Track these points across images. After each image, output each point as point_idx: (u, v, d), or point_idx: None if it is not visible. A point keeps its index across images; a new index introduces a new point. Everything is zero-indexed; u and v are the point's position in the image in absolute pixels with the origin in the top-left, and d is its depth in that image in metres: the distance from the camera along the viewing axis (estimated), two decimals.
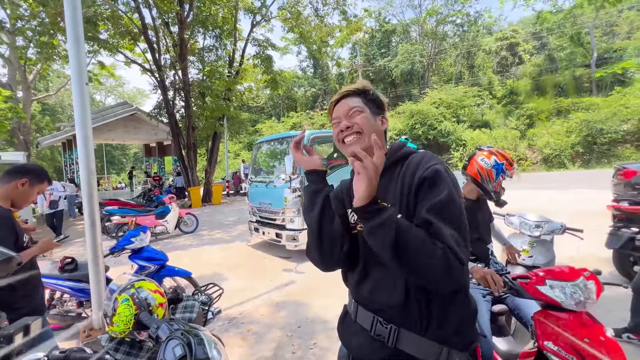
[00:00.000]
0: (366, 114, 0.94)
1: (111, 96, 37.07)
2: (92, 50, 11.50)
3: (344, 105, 0.96)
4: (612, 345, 1.16)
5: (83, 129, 2.39)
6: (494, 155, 1.74)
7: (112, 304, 1.33)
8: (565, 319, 1.24)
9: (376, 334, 0.85)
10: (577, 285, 1.25)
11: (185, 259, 5.26)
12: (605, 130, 16.00)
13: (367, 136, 0.91)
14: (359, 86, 0.99)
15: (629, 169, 4.03)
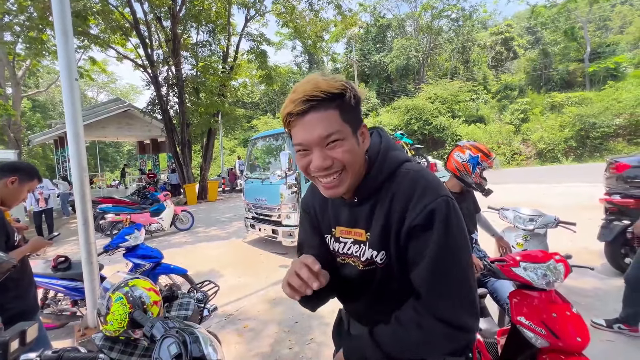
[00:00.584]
0: (348, 143, 0.67)
1: (103, 92, 36.55)
2: (83, 45, 11.28)
3: (315, 126, 0.65)
4: (576, 319, 1.28)
5: (74, 125, 2.35)
6: (467, 149, 1.85)
7: (106, 303, 1.32)
8: (536, 297, 1.36)
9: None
10: (548, 267, 1.36)
11: (180, 256, 5.24)
12: (598, 125, 16.18)
13: (350, 176, 0.70)
14: (330, 88, 0.64)
15: (621, 163, 4.07)
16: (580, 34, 22.61)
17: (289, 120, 0.68)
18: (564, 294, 3.12)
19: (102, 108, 14.61)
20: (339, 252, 0.82)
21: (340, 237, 0.82)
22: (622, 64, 20.23)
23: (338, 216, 0.82)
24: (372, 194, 0.74)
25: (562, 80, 22.28)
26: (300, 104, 0.64)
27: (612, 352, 2.18)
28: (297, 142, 0.69)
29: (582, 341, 1.23)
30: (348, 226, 0.80)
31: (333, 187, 0.70)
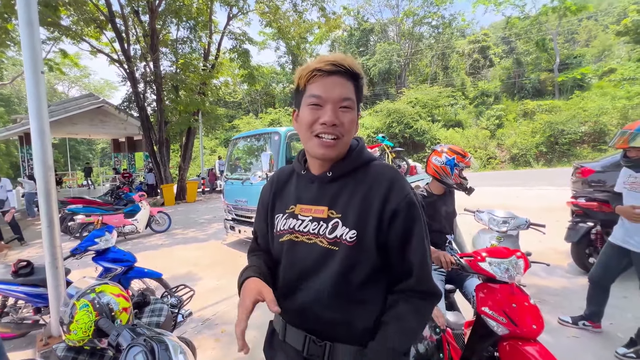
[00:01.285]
0: (354, 115, 0.77)
1: (75, 87, 34.72)
2: (53, 37, 10.68)
3: (336, 86, 0.74)
4: (533, 309, 1.42)
5: (38, 121, 2.21)
6: (444, 153, 1.95)
7: (70, 311, 1.24)
8: (498, 289, 1.49)
9: (309, 354, 0.77)
10: (510, 262, 1.50)
11: (156, 259, 5.05)
12: (565, 131, 17.13)
13: (344, 144, 0.78)
14: (353, 65, 0.75)
15: (586, 168, 4.33)
16: (551, 45, 23.91)
17: (313, 75, 0.75)
18: (535, 292, 3.27)
19: (73, 103, 13.86)
20: (294, 229, 0.82)
21: (299, 214, 0.82)
22: (588, 75, 21.56)
23: (301, 194, 0.85)
24: (344, 174, 0.80)
25: (534, 88, 23.44)
26: (330, 65, 0.74)
27: (577, 348, 2.30)
28: (315, 94, 0.74)
29: (537, 328, 1.36)
30: (309, 204, 0.82)
31: (329, 147, 0.75)
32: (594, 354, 2.21)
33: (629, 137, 2.03)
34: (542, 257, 2.05)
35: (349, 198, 0.78)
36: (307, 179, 0.85)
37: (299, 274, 0.80)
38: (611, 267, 2.33)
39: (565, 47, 27.12)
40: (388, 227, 0.75)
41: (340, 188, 0.80)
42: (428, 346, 1.24)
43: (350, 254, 0.75)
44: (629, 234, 2.18)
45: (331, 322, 0.76)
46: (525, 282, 3.29)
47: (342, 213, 0.77)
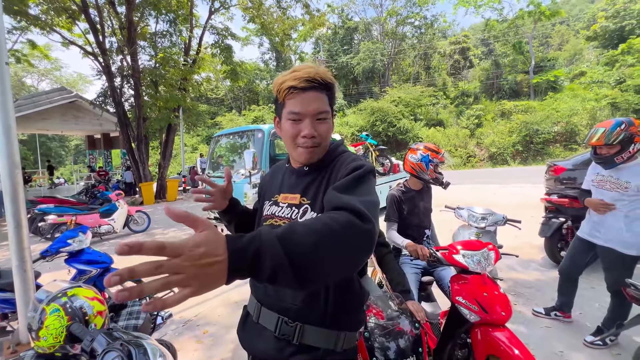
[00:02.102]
0: (329, 124, 0.87)
1: (46, 80, 32.86)
2: (20, 26, 10.06)
3: (313, 100, 0.82)
4: (502, 298, 1.53)
5: (3, 116, 2.07)
6: (419, 150, 2.08)
7: (39, 316, 1.18)
8: (471, 279, 1.59)
9: (281, 334, 0.82)
10: (482, 254, 1.60)
11: (135, 260, 4.82)
12: (540, 131, 17.89)
13: (322, 150, 0.88)
14: (326, 78, 0.84)
15: (558, 166, 4.53)
16: (526, 48, 24.86)
17: (290, 92, 0.82)
18: (511, 285, 3.39)
19: (43, 98, 13.13)
20: (275, 214, 0.91)
21: (280, 201, 0.93)
22: (560, 78, 22.60)
23: (283, 184, 0.96)
24: (319, 168, 0.90)
25: (511, 89, 24.33)
26: (304, 81, 0.81)
27: (549, 337, 2.41)
28: (294, 111, 0.83)
29: (505, 315, 1.47)
30: (287, 192, 0.92)
31: (310, 153, 0.86)
32: (565, 343, 2.32)
33: (604, 135, 2.08)
34: (517, 252, 2.15)
35: (318, 186, 0.87)
36: (289, 171, 0.97)
37: None
38: (579, 259, 2.44)
39: (540, 50, 28.29)
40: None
41: (313, 178, 0.90)
42: (408, 341, 1.26)
43: None
44: (595, 228, 2.28)
45: (300, 302, 0.82)
46: (502, 275, 3.42)
47: (311, 200, 0.86)
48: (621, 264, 2.15)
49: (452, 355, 1.65)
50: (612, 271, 2.20)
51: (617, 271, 2.16)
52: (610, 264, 2.21)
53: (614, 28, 22.95)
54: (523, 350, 1.35)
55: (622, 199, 2.12)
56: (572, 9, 34.42)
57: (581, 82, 21.01)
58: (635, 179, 2.07)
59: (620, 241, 2.12)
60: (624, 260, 2.13)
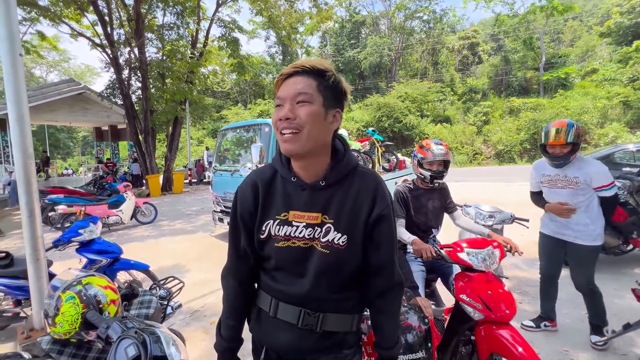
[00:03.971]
0: (314, 107, 0.78)
1: (54, 72, 33.13)
2: (30, 18, 10.13)
3: (293, 85, 0.79)
4: (507, 295, 1.53)
5: (17, 107, 2.11)
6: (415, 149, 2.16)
7: (55, 303, 1.21)
8: (475, 277, 1.59)
9: (304, 324, 0.86)
10: (486, 252, 1.60)
11: (142, 251, 4.96)
12: None
13: (305, 137, 0.78)
14: (316, 64, 0.79)
15: None
16: (537, 44, 24.38)
17: (278, 80, 0.82)
18: (516, 283, 3.38)
19: (52, 89, 13.25)
20: (289, 235, 0.86)
21: (293, 220, 0.86)
22: (571, 75, 22.17)
23: (292, 201, 0.87)
24: (337, 182, 0.85)
25: (520, 86, 23.94)
26: (290, 69, 0.81)
27: (554, 336, 2.41)
28: (278, 96, 0.81)
29: (509, 313, 1.48)
30: (302, 210, 0.85)
31: (287, 141, 0.79)
32: (570, 342, 2.31)
33: (564, 134, 2.09)
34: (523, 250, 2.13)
35: (340, 205, 0.85)
36: (297, 185, 0.86)
37: (297, 273, 0.88)
38: (555, 257, 2.40)
39: (550, 46, 27.72)
40: (372, 230, 0.86)
41: (331, 195, 0.85)
42: (417, 336, 1.28)
43: (342, 256, 0.84)
44: (563, 227, 2.26)
45: (324, 301, 0.88)
46: (507, 273, 3.42)
47: (334, 219, 0.84)
48: (591, 257, 2.19)
49: (456, 352, 1.66)
50: (583, 267, 2.22)
51: (587, 266, 2.20)
52: (582, 259, 2.22)
53: (629, 24, 22.33)
54: (527, 349, 1.36)
55: (576, 194, 2.16)
56: (586, 4, 33.56)
57: (593, 79, 20.58)
58: (581, 173, 2.12)
59: (588, 234, 2.16)
60: (592, 253, 2.18)
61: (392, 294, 0.93)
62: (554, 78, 21.78)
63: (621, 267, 3.57)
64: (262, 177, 0.91)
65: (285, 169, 0.88)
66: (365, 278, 0.92)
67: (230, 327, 0.96)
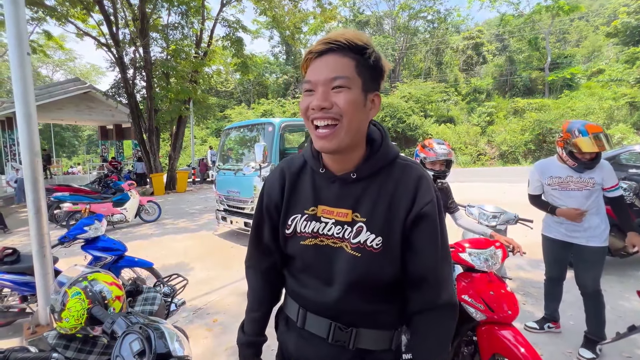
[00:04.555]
0: (354, 94, 0.66)
1: (60, 71, 33.46)
2: (37, 17, 10.23)
3: (327, 66, 0.66)
4: (509, 296, 1.52)
5: (24, 105, 2.14)
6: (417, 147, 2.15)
7: (61, 298, 1.23)
8: (477, 278, 1.59)
9: (334, 340, 0.75)
10: (489, 252, 1.59)
11: (147, 249, 5.00)
12: (554, 130, 17.50)
13: (345, 131, 0.66)
14: (353, 38, 0.65)
15: None
16: (542, 44, 24.20)
17: (307, 59, 0.69)
18: (520, 284, 3.37)
19: (58, 88, 13.37)
20: (318, 232, 0.76)
21: (322, 216, 0.76)
22: (577, 75, 21.98)
23: (321, 195, 0.77)
24: (371, 174, 0.74)
25: (525, 86, 23.79)
26: (322, 44, 0.66)
27: (558, 337, 2.39)
28: (307, 80, 0.68)
29: (512, 313, 1.47)
30: (331, 205, 0.75)
31: (325, 137, 0.67)
32: (574, 343, 2.30)
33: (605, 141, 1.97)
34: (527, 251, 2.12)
35: (374, 201, 0.72)
36: (326, 178, 0.77)
37: (326, 276, 0.77)
38: (562, 260, 2.35)
39: (556, 46, 27.51)
40: (410, 232, 0.72)
41: (363, 189, 0.73)
42: None
43: (376, 261, 0.72)
44: (574, 229, 2.17)
45: (357, 314, 0.76)
46: (511, 275, 3.40)
47: (366, 217, 0.72)
48: (600, 258, 2.15)
49: (459, 352, 1.65)
50: (592, 269, 2.16)
51: (597, 267, 2.15)
52: (592, 261, 2.15)
53: (636, 24, 22.11)
54: (529, 350, 1.35)
55: (591, 195, 2.10)
56: (592, 4, 33.23)
57: (599, 80, 20.38)
58: (596, 174, 2.07)
59: (599, 236, 2.12)
60: (601, 254, 2.14)
61: (435, 316, 0.73)
62: (559, 78, 21.61)
63: (627, 269, 3.54)
64: (290, 166, 0.83)
65: (314, 159, 0.79)
66: (405, 291, 0.77)
67: (253, 321, 0.90)
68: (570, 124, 2.14)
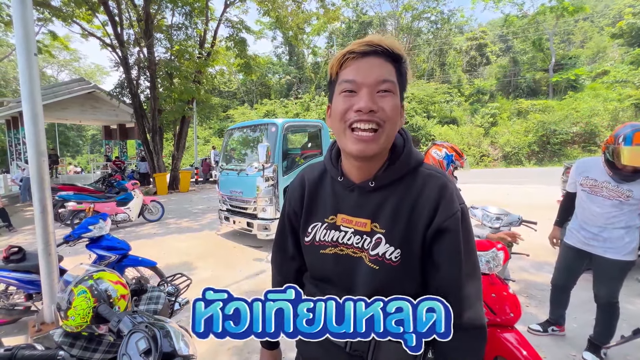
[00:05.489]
0: (397, 100, 0.66)
1: (65, 71, 33.69)
2: (43, 18, 10.32)
3: (373, 68, 0.64)
4: (512, 298, 1.50)
5: (31, 105, 2.16)
6: (444, 148, 2.02)
7: (67, 297, 1.24)
8: None
9: (353, 350, 0.73)
10: (490, 254, 1.56)
11: (150, 248, 5.03)
12: (557, 132, 17.40)
13: (386, 136, 0.66)
14: (393, 46, 0.66)
15: None
16: (547, 45, 24.07)
17: (346, 59, 0.66)
18: (523, 286, 3.35)
19: (63, 88, 13.47)
20: (337, 241, 0.74)
21: (341, 225, 0.74)
22: (582, 76, 21.84)
23: (340, 203, 0.75)
24: (391, 183, 0.71)
25: (529, 87, 23.66)
26: (365, 46, 0.65)
27: (561, 340, 2.38)
28: (348, 79, 0.65)
29: (514, 316, 1.45)
30: (350, 214, 0.73)
31: (366, 141, 0.65)
32: (578, 346, 2.28)
33: None
34: (530, 253, 2.11)
35: (394, 212, 0.70)
36: (344, 186, 0.75)
37: (346, 286, 0.74)
38: (575, 269, 2.29)
39: (560, 47, 27.34)
40: (431, 246, 0.69)
41: (383, 198, 0.71)
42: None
43: (394, 275, 0.69)
44: (593, 238, 2.09)
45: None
46: (515, 277, 3.38)
47: (385, 228, 0.70)
48: (619, 272, 2.03)
49: None
50: (609, 281, 2.07)
51: (615, 280, 2.05)
52: (609, 273, 2.06)
53: None
54: (531, 352, 1.34)
55: (621, 207, 1.94)
56: (597, 5, 33.00)
57: (604, 81, 20.24)
58: (636, 187, 1.88)
59: (621, 248, 1.98)
60: (623, 268, 2.02)
61: (458, 338, 0.63)
62: (563, 79, 21.49)
63: (633, 273, 3.50)
64: (311, 174, 0.82)
65: (333, 166, 0.77)
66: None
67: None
68: (621, 127, 1.89)
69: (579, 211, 2.17)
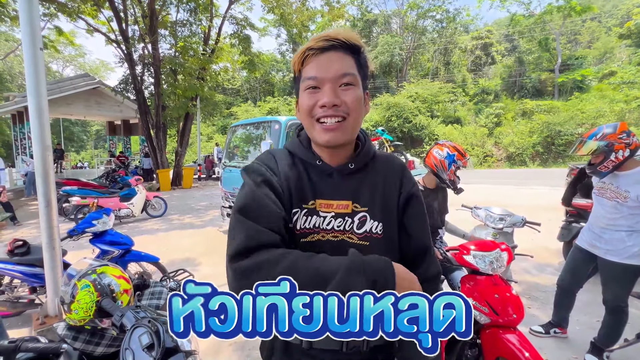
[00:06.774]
0: (359, 91, 0.70)
1: (70, 67, 33.92)
2: (48, 13, 10.36)
3: (333, 63, 0.67)
4: (514, 299, 1.51)
5: (37, 99, 2.17)
6: (446, 147, 2.01)
7: (71, 290, 1.25)
8: (482, 281, 1.58)
9: (350, 348, 0.72)
10: (494, 255, 1.57)
11: (152, 243, 5.05)
12: (562, 133, 17.25)
13: (351, 127, 0.70)
14: (350, 38, 0.68)
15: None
16: (553, 45, 23.83)
17: (306, 56, 0.69)
18: (526, 288, 3.33)
19: (68, 83, 13.56)
20: (319, 227, 0.73)
21: (320, 210, 0.74)
22: (588, 77, 21.60)
23: (318, 188, 0.75)
24: (364, 166, 0.79)
25: (534, 88, 23.45)
26: (323, 41, 0.67)
27: (564, 342, 2.37)
28: (310, 76, 0.68)
29: (517, 317, 1.45)
30: (330, 198, 0.74)
31: (333, 130, 0.69)
32: (580, 348, 2.27)
33: (582, 144, 2.06)
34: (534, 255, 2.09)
35: (371, 190, 0.77)
36: (321, 171, 0.76)
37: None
38: (581, 272, 2.28)
39: (567, 47, 27.07)
40: (403, 213, 0.79)
41: (360, 181, 0.77)
42: None
43: (380, 247, 0.73)
44: (595, 239, 2.12)
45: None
46: (517, 278, 3.37)
47: (367, 206, 0.75)
48: (623, 276, 2.01)
49: (462, 355, 1.64)
50: (613, 284, 2.05)
51: (619, 284, 2.03)
52: (612, 277, 2.05)
53: None
54: (533, 354, 1.34)
55: (620, 210, 1.95)
56: (605, 5, 32.61)
57: (610, 82, 20.00)
58: (634, 188, 1.90)
59: (622, 251, 1.97)
60: (627, 272, 1.98)
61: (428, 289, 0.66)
62: (569, 80, 21.27)
63: None
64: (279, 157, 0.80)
65: (307, 151, 0.78)
66: None
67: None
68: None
69: (591, 213, 2.22)
